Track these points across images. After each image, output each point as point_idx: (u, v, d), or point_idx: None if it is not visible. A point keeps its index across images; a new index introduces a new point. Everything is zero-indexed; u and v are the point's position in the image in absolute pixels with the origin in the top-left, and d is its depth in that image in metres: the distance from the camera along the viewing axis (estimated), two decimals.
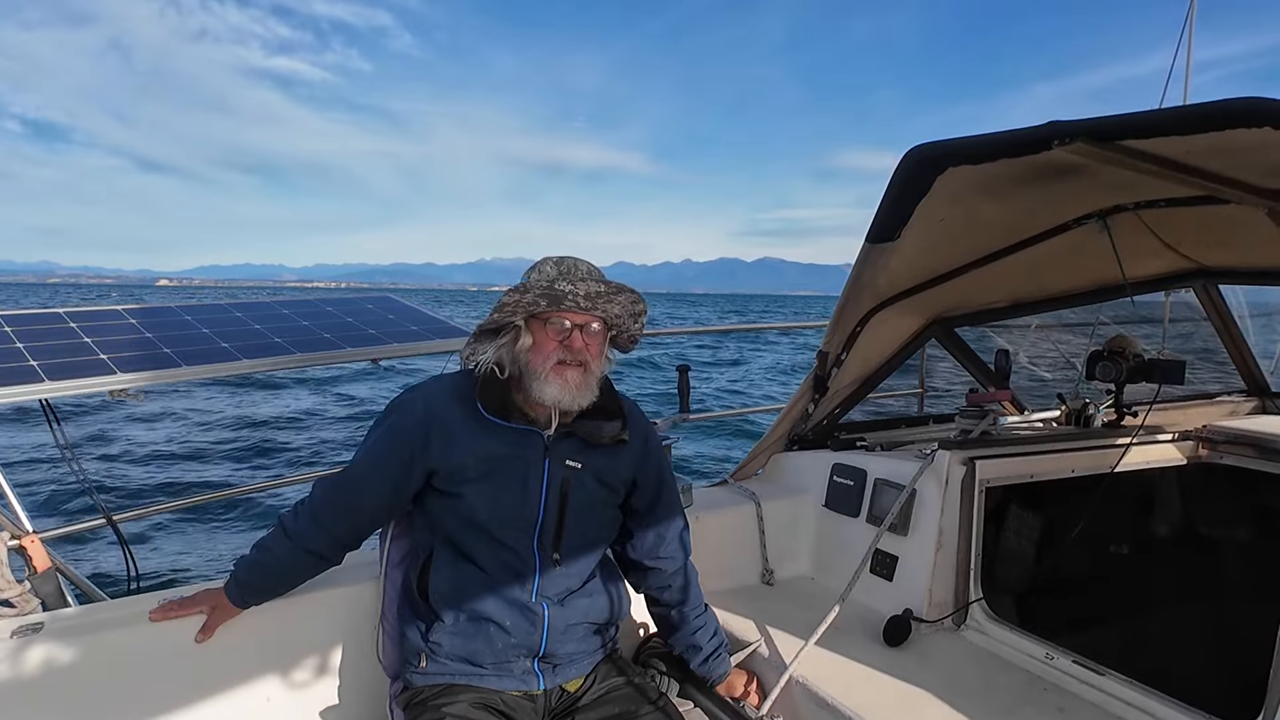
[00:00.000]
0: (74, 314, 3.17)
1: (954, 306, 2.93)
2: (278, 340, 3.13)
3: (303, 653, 1.94)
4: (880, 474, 2.49)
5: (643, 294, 1.74)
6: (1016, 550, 2.64)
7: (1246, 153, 1.61)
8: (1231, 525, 2.95)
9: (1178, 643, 2.65)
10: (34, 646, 1.69)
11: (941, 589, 2.26)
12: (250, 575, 1.80)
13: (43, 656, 1.68)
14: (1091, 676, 1.91)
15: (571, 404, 1.69)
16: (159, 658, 1.78)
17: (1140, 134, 1.57)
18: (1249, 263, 2.89)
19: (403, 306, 3.81)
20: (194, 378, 2.86)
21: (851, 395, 2.88)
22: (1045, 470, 2.51)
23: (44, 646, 1.69)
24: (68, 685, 1.70)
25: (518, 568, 1.73)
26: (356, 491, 1.77)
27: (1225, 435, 2.86)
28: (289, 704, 1.92)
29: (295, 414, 14.77)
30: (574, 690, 1.82)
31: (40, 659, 1.68)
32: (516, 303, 1.68)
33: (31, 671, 1.67)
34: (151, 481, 9.68)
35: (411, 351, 3.34)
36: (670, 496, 1.98)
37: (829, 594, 2.18)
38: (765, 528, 2.62)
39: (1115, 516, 2.77)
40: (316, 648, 1.96)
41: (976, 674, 2.01)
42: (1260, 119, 1.33)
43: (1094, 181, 2.06)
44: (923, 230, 2.18)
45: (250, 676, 1.88)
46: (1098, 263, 2.59)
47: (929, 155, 1.94)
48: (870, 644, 2.13)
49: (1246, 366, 3.43)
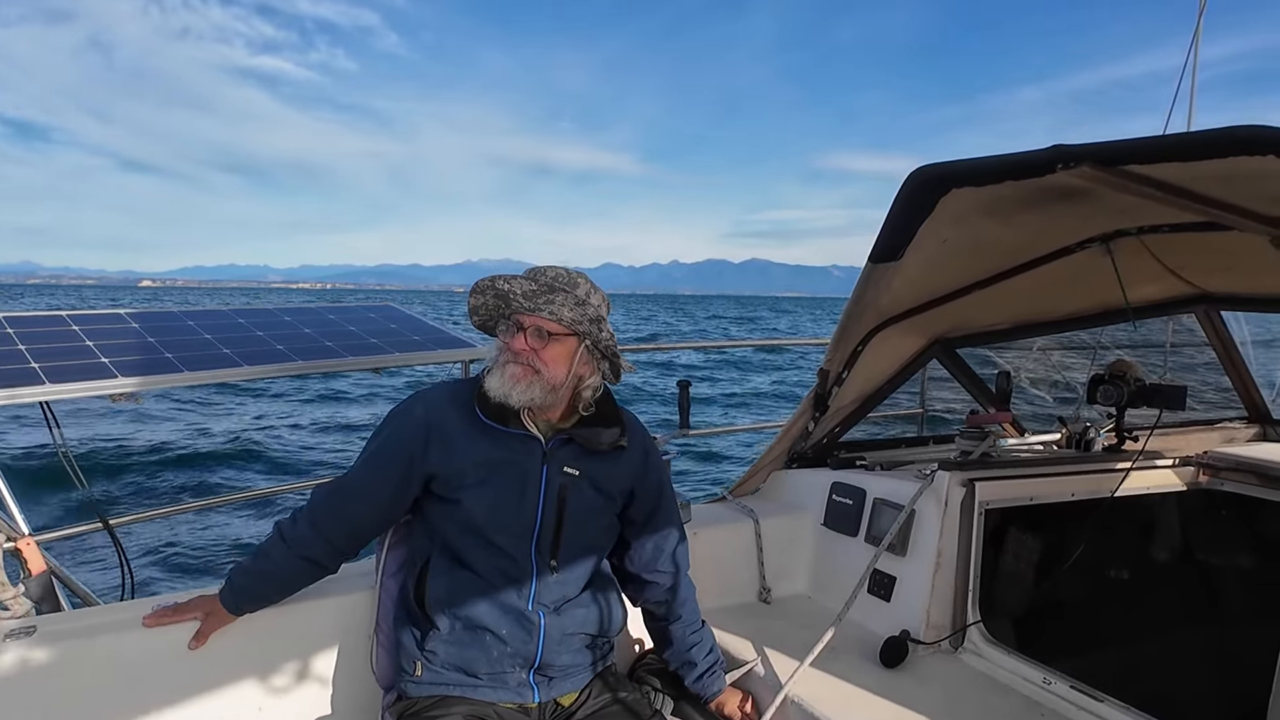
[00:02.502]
0: (76, 316, 3.18)
1: (956, 327, 2.93)
2: (279, 348, 3.14)
3: (296, 662, 1.93)
4: (879, 494, 2.49)
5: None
6: (1015, 573, 2.63)
7: (1250, 180, 1.61)
8: (1231, 552, 2.94)
9: (1176, 669, 2.64)
10: (26, 650, 1.68)
11: (939, 611, 2.25)
12: (246, 582, 1.79)
13: (35, 660, 1.68)
14: (1089, 702, 1.90)
15: (506, 396, 1.68)
16: (152, 663, 1.77)
17: (1144, 159, 1.57)
18: (1251, 289, 2.90)
19: (405, 316, 3.82)
20: (195, 383, 2.86)
21: (852, 414, 2.87)
22: (1045, 493, 2.50)
23: (36, 650, 1.68)
24: (60, 689, 1.69)
25: (514, 574, 1.73)
26: (355, 497, 1.77)
27: (1226, 462, 2.86)
28: (281, 713, 1.91)
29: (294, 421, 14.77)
30: (568, 704, 1.81)
31: (32, 663, 1.67)
32: (479, 305, 1.77)
33: (23, 675, 1.66)
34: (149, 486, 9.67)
35: (413, 361, 3.34)
36: (669, 510, 1.98)
37: (826, 613, 2.17)
38: (763, 545, 2.61)
39: (1115, 541, 2.75)
40: (310, 657, 1.95)
41: (973, 697, 2.00)
42: (1264, 147, 1.33)
43: (1097, 205, 2.07)
44: (926, 250, 2.19)
45: (243, 685, 1.87)
46: (1100, 286, 2.59)
47: (932, 176, 1.95)
48: (867, 665, 2.12)
49: (1248, 393, 3.42)
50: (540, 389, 1.70)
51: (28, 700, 1.66)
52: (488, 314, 1.79)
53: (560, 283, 1.72)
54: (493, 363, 1.74)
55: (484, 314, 1.80)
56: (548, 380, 1.70)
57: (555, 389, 1.72)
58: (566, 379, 1.73)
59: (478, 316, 1.81)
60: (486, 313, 1.79)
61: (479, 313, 1.80)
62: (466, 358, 3.41)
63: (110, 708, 1.74)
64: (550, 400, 1.73)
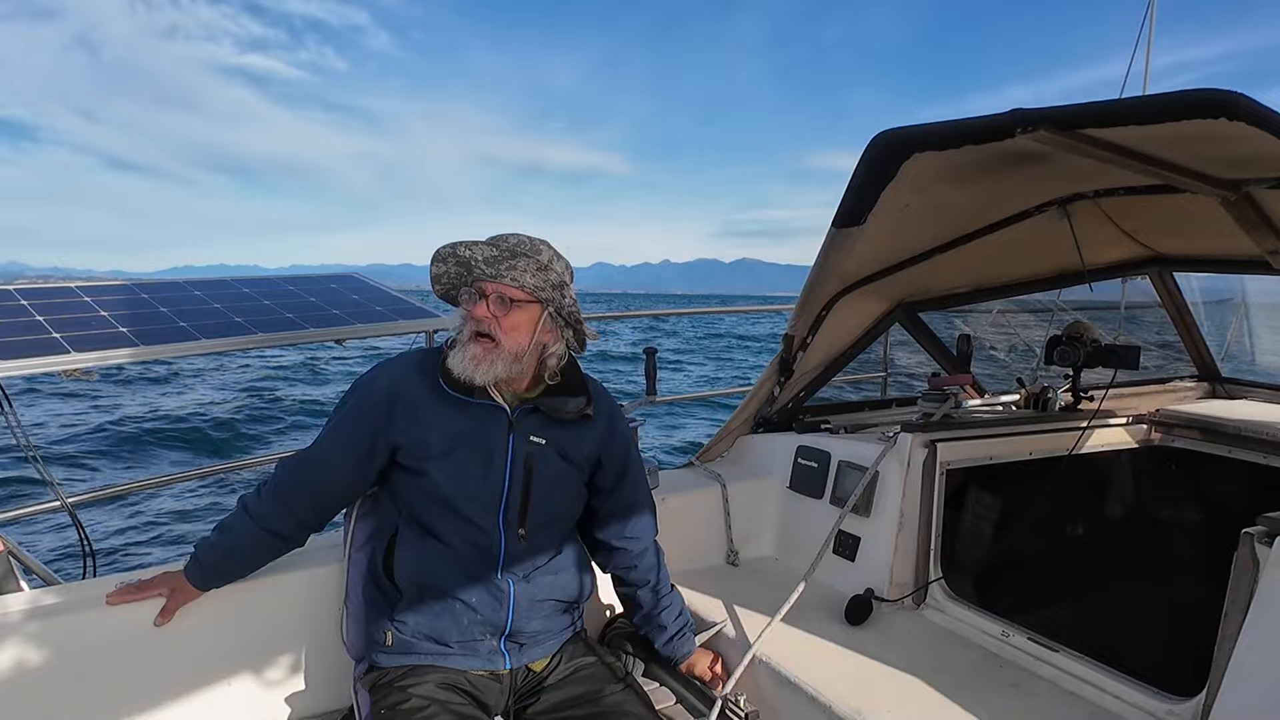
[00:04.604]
0: (26, 291, 3.09)
1: (918, 291, 2.96)
2: (238, 320, 3.08)
3: (264, 636, 1.93)
4: (843, 456, 2.53)
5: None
6: (976, 531, 2.69)
7: (1202, 144, 1.64)
8: (1181, 506, 3.04)
9: (1129, 620, 2.73)
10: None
11: (902, 569, 2.30)
12: (211, 556, 1.77)
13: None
14: (1045, 653, 1.96)
15: (470, 378, 1.68)
16: (116, 642, 1.75)
17: (1100, 122, 1.59)
18: (1203, 251, 2.96)
19: (367, 286, 3.77)
20: (150, 357, 2.80)
21: (817, 378, 2.90)
22: (1004, 453, 2.56)
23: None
24: (21, 670, 1.66)
25: (483, 544, 1.73)
26: (320, 468, 1.76)
27: (1176, 419, 2.94)
28: (250, 687, 1.91)
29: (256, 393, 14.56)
30: (540, 670, 1.83)
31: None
32: (440, 274, 1.75)
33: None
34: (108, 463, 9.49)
35: (377, 332, 3.30)
36: (636, 476, 1.99)
37: (793, 574, 2.21)
38: (730, 509, 2.64)
39: (1071, 498, 2.83)
40: (279, 631, 1.94)
41: (935, 652, 2.05)
42: (1216, 111, 1.36)
43: (1055, 169, 2.09)
44: (888, 215, 2.20)
45: (210, 660, 1.86)
46: (1058, 249, 2.64)
47: (895, 141, 1.96)
48: (832, 623, 2.17)
49: (1198, 352, 3.51)
50: (503, 363, 1.69)
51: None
52: (449, 282, 1.77)
53: (522, 249, 1.70)
54: (456, 333, 1.73)
55: (445, 282, 1.78)
56: (509, 350, 1.69)
57: (518, 358, 1.71)
58: (529, 346, 1.72)
59: (439, 285, 1.79)
60: (449, 281, 1.77)
61: (441, 281, 1.78)
62: (430, 328, 3.38)
63: (74, 687, 1.72)
64: (515, 371, 1.72)
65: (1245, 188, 1.95)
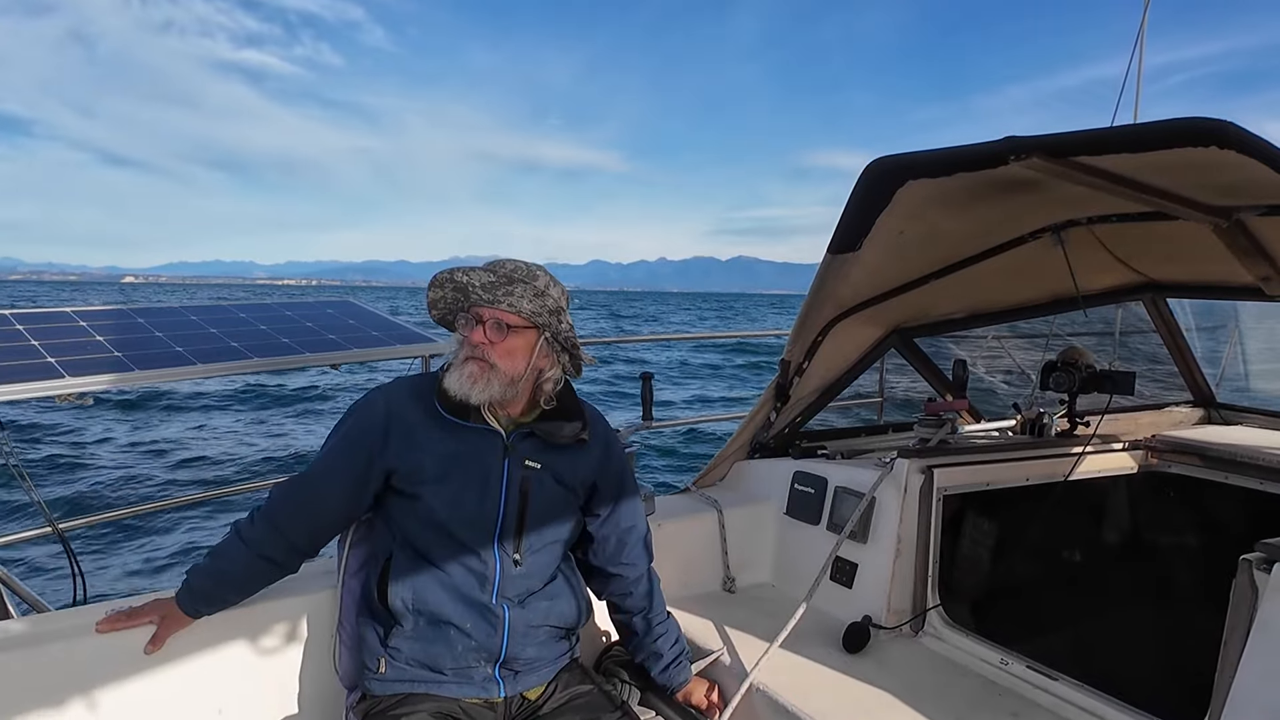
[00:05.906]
0: (21, 315, 3.09)
1: (913, 317, 2.97)
2: (234, 345, 3.08)
3: (256, 663, 1.90)
4: (840, 482, 2.52)
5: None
6: (973, 557, 2.68)
7: (1194, 171, 1.66)
8: (1179, 532, 3.03)
9: (1128, 647, 2.71)
10: None
11: (900, 596, 2.29)
12: (203, 583, 1.75)
13: None
14: (1044, 681, 1.95)
15: (466, 397, 1.68)
16: (106, 670, 1.73)
17: (1093, 150, 1.61)
18: (1196, 278, 2.98)
19: (364, 312, 3.77)
20: (146, 383, 2.80)
21: (813, 404, 2.90)
22: (1001, 478, 2.55)
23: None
24: (10, 698, 1.64)
25: (478, 569, 1.72)
26: (315, 493, 1.75)
27: (1173, 445, 2.94)
28: (242, 716, 1.88)
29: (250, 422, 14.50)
30: (535, 698, 1.81)
31: None
32: (438, 299, 1.75)
33: None
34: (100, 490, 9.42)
35: (372, 357, 3.30)
36: (632, 502, 1.98)
37: (790, 601, 2.20)
38: (727, 535, 2.63)
39: (1068, 524, 2.82)
40: (271, 658, 1.92)
41: (933, 680, 2.04)
42: (1207, 139, 1.38)
43: (1049, 196, 2.11)
44: (883, 241, 2.22)
45: (202, 688, 1.83)
46: (1052, 276, 2.65)
47: (889, 168, 1.97)
48: (830, 651, 2.15)
49: (1193, 377, 3.52)
50: (499, 385, 1.69)
51: None
52: (446, 307, 1.78)
53: (519, 274, 1.71)
54: (453, 358, 1.73)
55: (443, 307, 1.78)
56: (505, 374, 1.69)
57: (514, 382, 1.71)
58: (525, 371, 1.72)
59: (437, 310, 1.79)
60: (445, 306, 1.77)
61: (438, 306, 1.78)
62: (426, 353, 3.38)
63: (64, 716, 1.69)
64: (510, 394, 1.72)
65: (1237, 215, 1.97)
